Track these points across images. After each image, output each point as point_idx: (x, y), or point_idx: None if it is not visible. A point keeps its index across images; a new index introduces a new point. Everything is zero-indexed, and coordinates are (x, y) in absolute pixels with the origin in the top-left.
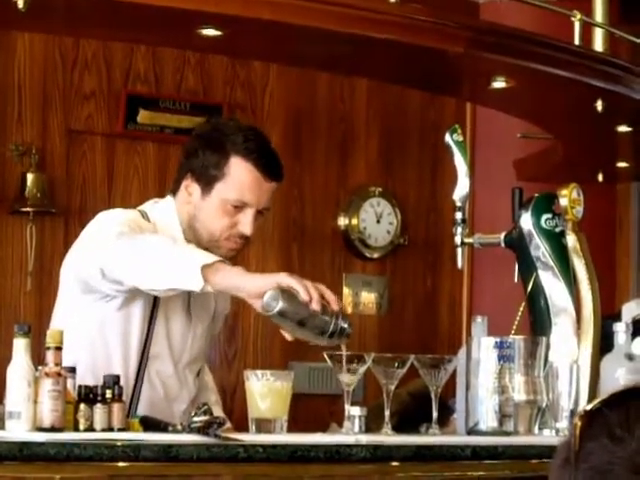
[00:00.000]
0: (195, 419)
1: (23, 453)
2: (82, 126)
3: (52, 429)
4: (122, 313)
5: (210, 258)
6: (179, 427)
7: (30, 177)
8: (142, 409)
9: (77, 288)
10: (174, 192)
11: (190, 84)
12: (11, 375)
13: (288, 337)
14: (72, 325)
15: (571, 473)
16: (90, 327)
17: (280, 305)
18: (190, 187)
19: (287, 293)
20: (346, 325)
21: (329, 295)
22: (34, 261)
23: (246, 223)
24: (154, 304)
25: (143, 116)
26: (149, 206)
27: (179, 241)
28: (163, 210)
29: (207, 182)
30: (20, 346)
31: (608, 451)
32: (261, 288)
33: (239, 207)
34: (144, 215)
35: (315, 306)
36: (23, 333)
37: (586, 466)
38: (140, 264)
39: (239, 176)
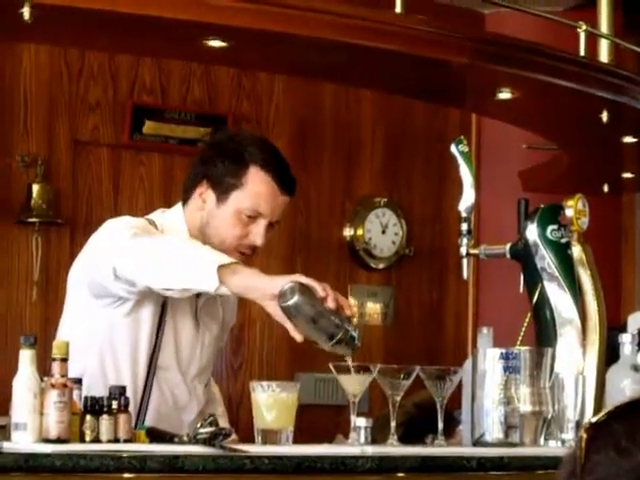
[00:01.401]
0: (201, 430)
1: (29, 464)
2: (88, 137)
3: (58, 440)
4: (131, 319)
5: (226, 259)
6: (185, 438)
7: (36, 188)
8: (151, 417)
9: (88, 293)
10: (185, 200)
11: (196, 95)
12: (17, 386)
13: (298, 337)
14: (80, 332)
15: None
16: (99, 333)
17: (297, 297)
18: (205, 194)
19: (305, 288)
20: (355, 334)
21: (343, 300)
22: (40, 272)
23: (258, 234)
24: (162, 312)
25: (149, 127)
26: (157, 215)
27: (193, 241)
28: (171, 218)
29: (224, 190)
30: (26, 357)
31: (614, 463)
32: (277, 287)
33: (253, 217)
34: (152, 223)
35: (330, 303)
36: (29, 344)
37: (592, 478)
38: (153, 263)
39: (257, 186)
